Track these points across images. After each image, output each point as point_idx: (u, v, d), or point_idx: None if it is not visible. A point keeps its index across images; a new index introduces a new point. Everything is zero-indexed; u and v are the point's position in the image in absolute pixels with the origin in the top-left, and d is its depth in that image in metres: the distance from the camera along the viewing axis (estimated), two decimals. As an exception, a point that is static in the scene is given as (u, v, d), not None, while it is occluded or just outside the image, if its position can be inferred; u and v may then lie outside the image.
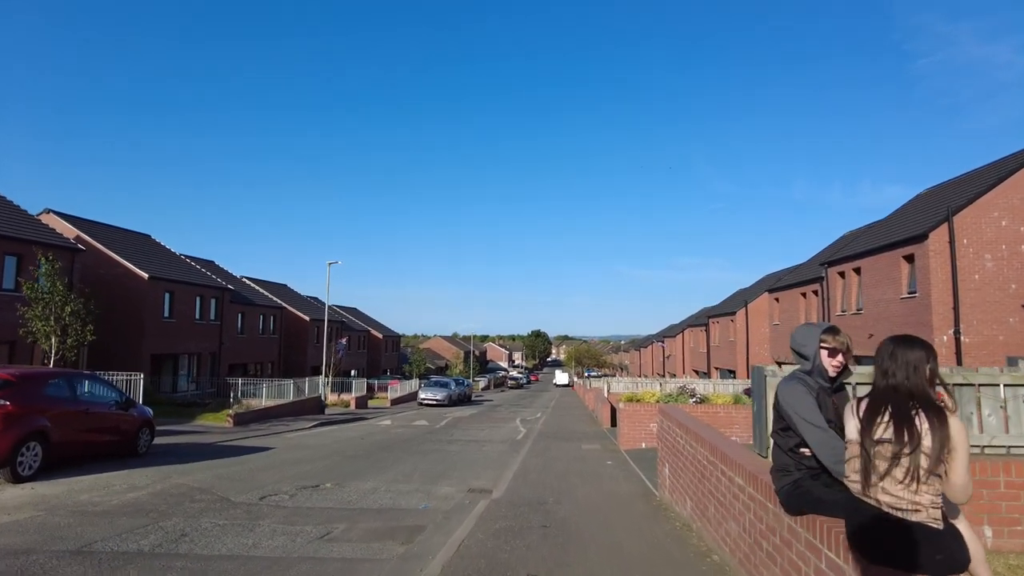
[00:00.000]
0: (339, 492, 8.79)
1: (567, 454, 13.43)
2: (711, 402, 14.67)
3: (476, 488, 9.20)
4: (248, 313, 38.32)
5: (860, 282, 22.44)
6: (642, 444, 14.10)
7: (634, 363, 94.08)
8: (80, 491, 8.27)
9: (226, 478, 9.72)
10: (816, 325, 3.41)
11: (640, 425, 14.13)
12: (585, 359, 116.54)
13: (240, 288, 40.22)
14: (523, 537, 5.99)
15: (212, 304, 33.92)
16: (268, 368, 40.81)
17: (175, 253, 35.34)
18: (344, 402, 32.50)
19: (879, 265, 20.77)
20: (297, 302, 48.34)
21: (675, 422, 7.08)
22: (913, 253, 18.68)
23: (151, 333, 28.28)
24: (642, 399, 14.45)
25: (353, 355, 57.23)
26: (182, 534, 6.17)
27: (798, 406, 3.19)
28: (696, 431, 6.07)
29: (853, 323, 22.40)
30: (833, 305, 24.16)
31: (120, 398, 11.56)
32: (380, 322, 69.95)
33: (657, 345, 71.10)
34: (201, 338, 32.53)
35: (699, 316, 54.83)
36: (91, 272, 27.73)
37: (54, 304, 15.92)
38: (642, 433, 14.13)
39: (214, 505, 7.64)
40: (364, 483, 9.56)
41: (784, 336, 29.77)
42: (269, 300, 42.57)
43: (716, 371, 42.96)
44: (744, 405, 14.34)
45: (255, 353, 39.28)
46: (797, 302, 28.29)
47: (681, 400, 14.43)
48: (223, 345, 34.48)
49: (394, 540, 6.14)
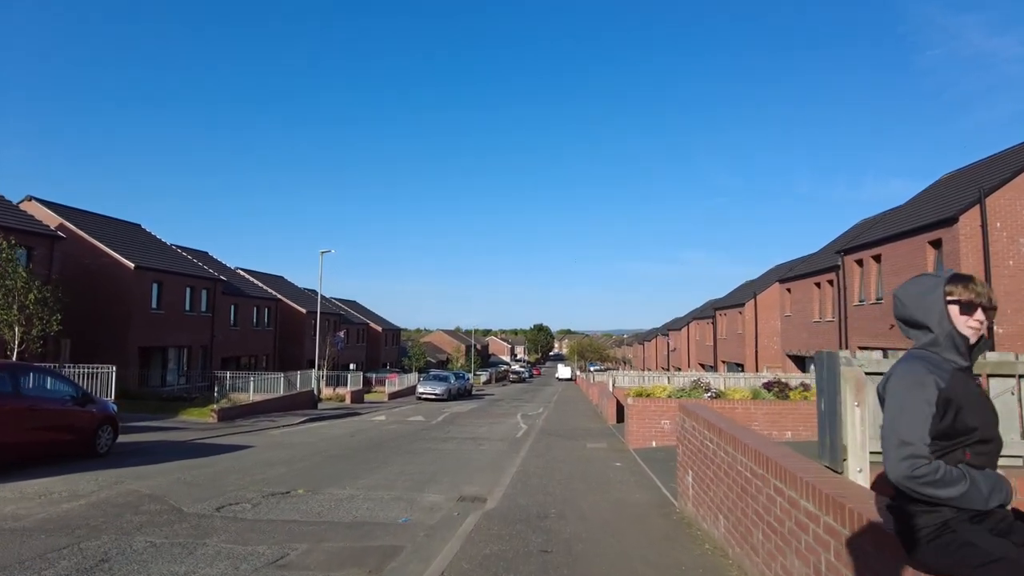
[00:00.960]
0: (310, 501, 7.67)
1: (571, 454, 12.30)
2: (727, 397, 13.51)
3: (468, 496, 8.07)
4: (241, 305, 37.23)
5: (880, 270, 21.21)
6: (652, 442, 12.96)
7: (638, 357, 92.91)
8: (9, 501, 7.15)
9: (186, 483, 8.60)
10: (933, 275, 2.24)
11: (650, 422, 12.98)
12: (588, 353, 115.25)
13: (234, 279, 39.13)
14: (517, 568, 4.84)
15: (203, 295, 32.84)
16: (263, 361, 39.75)
17: (165, 243, 34.24)
18: (339, 396, 31.42)
19: (901, 252, 19.55)
20: (294, 294, 47.25)
21: (703, 422, 5.92)
22: (940, 238, 17.46)
23: (138, 325, 27.20)
24: (652, 394, 13.32)
25: (352, 348, 56.18)
26: (102, 559, 5.04)
27: (908, 405, 2.06)
28: (733, 434, 4.91)
29: (872, 313, 21.20)
30: (850, 295, 22.94)
31: (76, 393, 10.45)
32: (380, 315, 68.85)
33: (662, 338, 69.93)
34: (192, 330, 31.46)
35: (705, 308, 53.63)
36: (74, 261, 26.64)
37: (16, 292, 14.79)
38: (652, 431, 12.99)
39: (159, 518, 6.53)
40: (341, 489, 8.44)
41: (796, 329, 28.57)
42: (264, 292, 41.47)
43: (723, 364, 41.80)
44: (765, 400, 13.20)
45: (249, 346, 38.21)
46: (811, 292, 27.06)
47: (695, 395, 13.29)
48: (215, 338, 33.41)
49: (360, 567, 5.01)
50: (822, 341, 25.62)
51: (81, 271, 26.76)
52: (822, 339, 25.61)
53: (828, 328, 25.06)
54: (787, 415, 13.01)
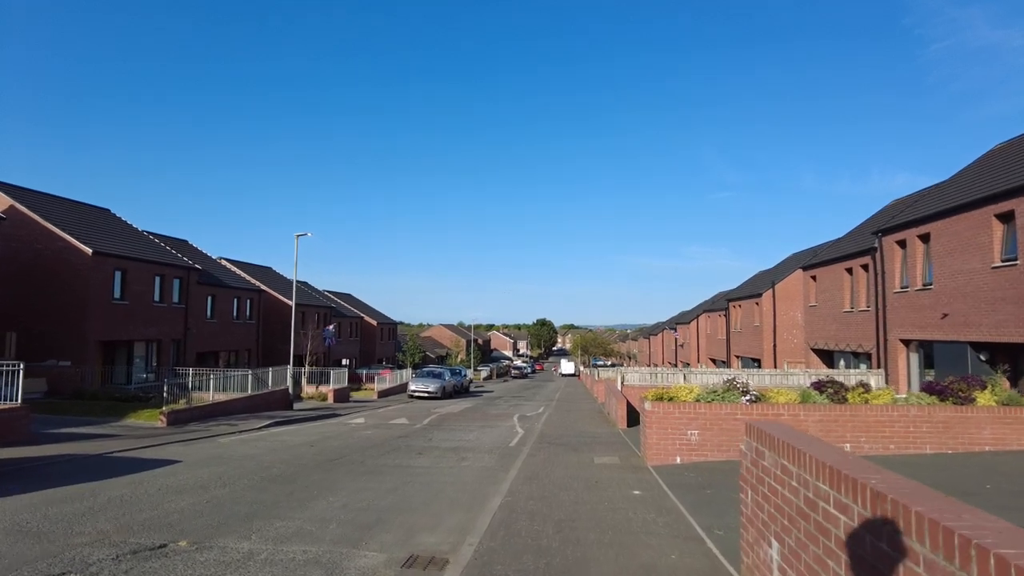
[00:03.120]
0: (181, 567, 5.07)
1: (575, 474, 9.69)
2: (769, 401, 10.87)
3: (421, 555, 5.46)
4: (220, 296, 34.64)
5: (927, 251, 18.51)
6: (676, 458, 10.34)
7: (643, 352, 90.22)
8: None
9: (18, 532, 6.01)
10: None
11: (674, 433, 10.36)
12: (592, 348, 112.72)
13: (214, 269, 36.57)
14: None
15: (175, 285, 30.26)
16: (245, 357, 37.24)
17: (136, 229, 31.66)
18: (321, 395, 28.86)
19: (958, 228, 16.84)
20: (281, 285, 44.64)
21: (809, 464, 3.27)
22: (1013, 209, 14.75)
23: (96, 316, 24.63)
24: (676, 398, 10.70)
25: (345, 343, 53.67)
26: None
27: None
28: (908, 502, 2.26)
29: (920, 301, 18.51)
30: (890, 280, 20.24)
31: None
32: (376, 308, 66.23)
33: (668, 333, 67.22)
34: (162, 323, 28.90)
35: (716, 300, 50.95)
36: (24, 246, 24.13)
37: None
38: (676, 444, 10.37)
39: None
40: (242, 541, 5.85)
41: (822, 320, 25.87)
42: (246, 282, 38.88)
43: (737, 360, 39.15)
44: (816, 404, 10.56)
45: (229, 340, 35.66)
46: (840, 279, 24.35)
47: (729, 398, 10.65)
48: (189, 331, 30.86)
49: None
50: (854, 333, 22.96)
51: (33, 257, 24.26)
52: (855, 331, 22.94)
53: (862, 319, 22.38)
54: (844, 422, 10.38)
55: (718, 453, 10.34)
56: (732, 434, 10.34)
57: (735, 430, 10.37)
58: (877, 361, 20.95)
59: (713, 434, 10.37)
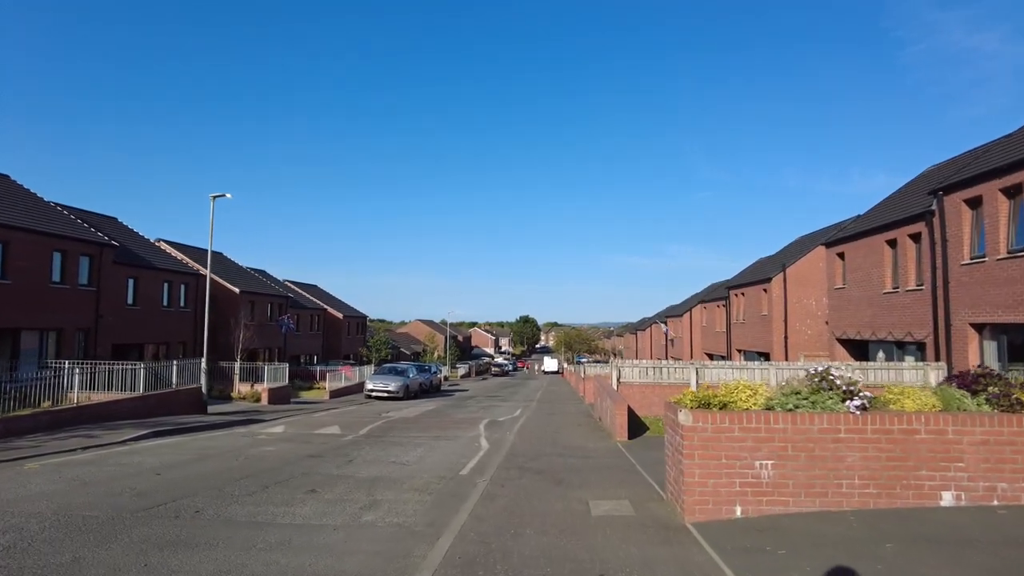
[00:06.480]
0: None
1: (557, 546, 5.21)
2: (885, 406, 6.47)
3: None
4: (146, 279, 29.66)
5: (1014, 209, 14.33)
6: (736, 509, 5.92)
7: (629, 348, 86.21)
8: None
9: None
10: None
11: (731, 465, 5.93)
12: (576, 345, 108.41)
13: (144, 251, 31.56)
14: None
15: (84, 264, 25.30)
16: (179, 350, 32.24)
17: (39, 198, 26.54)
18: (255, 395, 24.11)
19: (1068, 173, 12.63)
20: (229, 271, 39.64)
21: None
22: None
23: (-39, 298, 19.70)
24: (733, 405, 6.30)
25: (305, 337, 48.83)
26: None
27: None
28: None
29: (1004, 273, 14.31)
30: (955, 249, 16.02)
31: None
32: (344, 301, 61.29)
33: (657, 327, 63.13)
34: (63, 308, 23.94)
35: (712, 291, 46.89)
36: None
37: None
38: (736, 483, 5.94)
39: None
40: None
41: (853, 304, 21.65)
42: (182, 265, 33.88)
43: (739, 353, 35.01)
44: (970, 414, 6.18)
45: (157, 331, 30.70)
46: (879, 254, 20.13)
47: (823, 404, 6.24)
48: (101, 318, 25.91)
49: None
50: (899, 318, 18.76)
51: None
52: (899, 315, 18.75)
53: (911, 300, 18.18)
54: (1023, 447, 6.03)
55: (805, 500, 5.95)
56: (829, 466, 5.96)
57: (836, 459, 5.98)
58: (935, 352, 16.74)
59: (798, 466, 5.98)
